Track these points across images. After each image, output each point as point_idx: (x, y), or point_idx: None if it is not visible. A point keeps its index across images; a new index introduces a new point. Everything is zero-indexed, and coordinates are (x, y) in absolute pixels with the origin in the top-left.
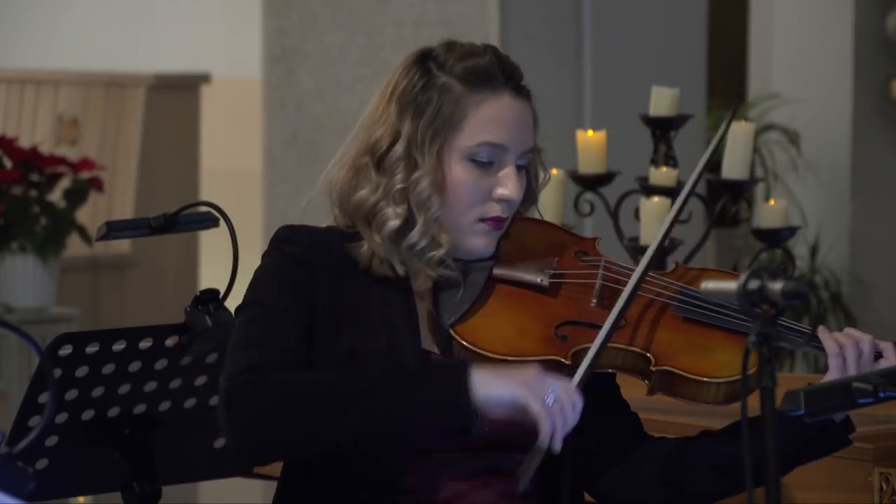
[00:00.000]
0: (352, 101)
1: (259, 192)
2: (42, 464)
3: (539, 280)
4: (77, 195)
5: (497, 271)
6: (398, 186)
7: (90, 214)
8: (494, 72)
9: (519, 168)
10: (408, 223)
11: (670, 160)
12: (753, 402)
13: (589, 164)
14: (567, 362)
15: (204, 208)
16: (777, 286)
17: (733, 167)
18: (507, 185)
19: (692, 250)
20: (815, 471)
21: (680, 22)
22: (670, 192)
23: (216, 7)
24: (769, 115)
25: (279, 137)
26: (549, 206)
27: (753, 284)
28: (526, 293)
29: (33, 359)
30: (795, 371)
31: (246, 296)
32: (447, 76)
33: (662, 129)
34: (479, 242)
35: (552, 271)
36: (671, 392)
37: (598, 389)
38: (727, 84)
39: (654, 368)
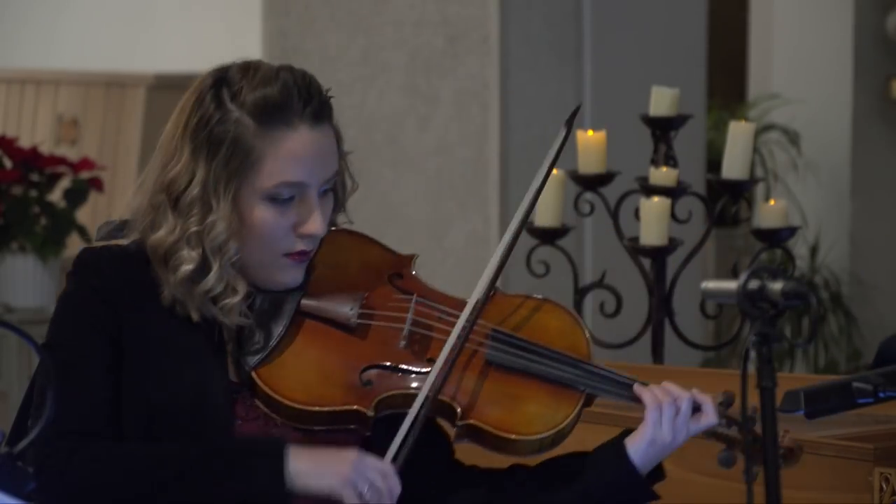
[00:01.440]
0: (352, 101)
1: None
2: None
3: (347, 319)
4: (77, 195)
5: (306, 303)
6: (193, 229)
7: (90, 214)
8: (287, 102)
9: (324, 193)
10: (203, 267)
11: (670, 160)
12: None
13: (589, 164)
14: (369, 414)
15: None
16: (777, 286)
17: (733, 167)
18: (312, 222)
19: (692, 250)
20: (815, 471)
21: (680, 22)
22: (670, 192)
23: (216, 7)
24: (769, 115)
25: None
26: (549, 206)
27: (753, 284)
28: (334, 331)
29: (33, 359)
30: (795, 371)
31: (50, 330)
32: (239, 111)
33: (662, 129)
34: (287, 276)
35: (360, 309)
36: (478, 443)
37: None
38: (727, 84)
39: (459, 422)
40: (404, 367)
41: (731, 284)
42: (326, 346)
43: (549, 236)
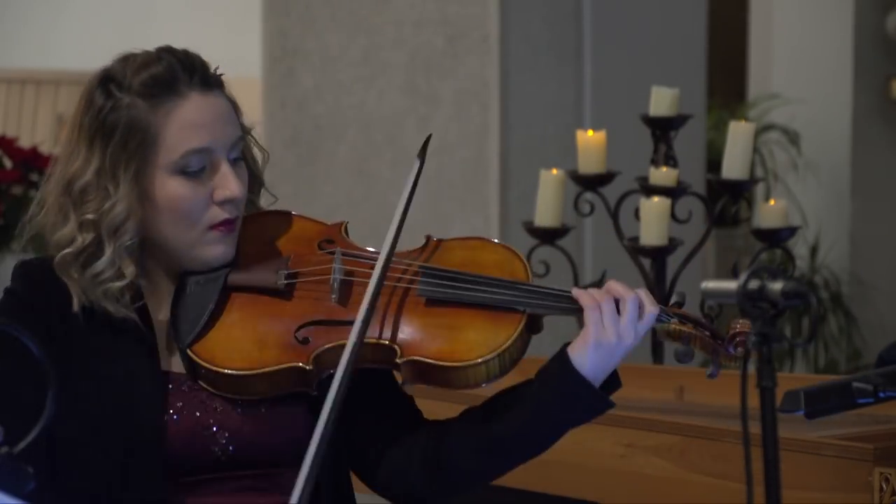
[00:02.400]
0: (352, 101)
1: None
2: None
3: (274, 282)
4: None
5: (232, 278)
6: (87, 216)
7: None
8: (174, 74)
9: (235, 161)
10: (96, 254)
11: (670, 160)
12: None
13: (589, 164)
14: (308, 367)
15: None
16: (777, 286)
17: (733, 167)
18: (228, 186)
19: (692, 250)
20: (815, 471)
21: (680, 22)
22: (670, 192)
23: (216, 7)
24: (769, 115)
25: (279, 137)
26: (549, 206)
27: (753, 284)
28: (262, 298)
29: None
30: (795, 371)
31: None
32: (129, 95)
33: (662, 129)
34: (217, 251)
35: (287, 271)
36: (425, 381)
37: (364, 380)
38: (727, 84)
39: (399, 360)
40: (338, 319)
41: (731, 284)
42: (258, 314)
43: (549, 236)
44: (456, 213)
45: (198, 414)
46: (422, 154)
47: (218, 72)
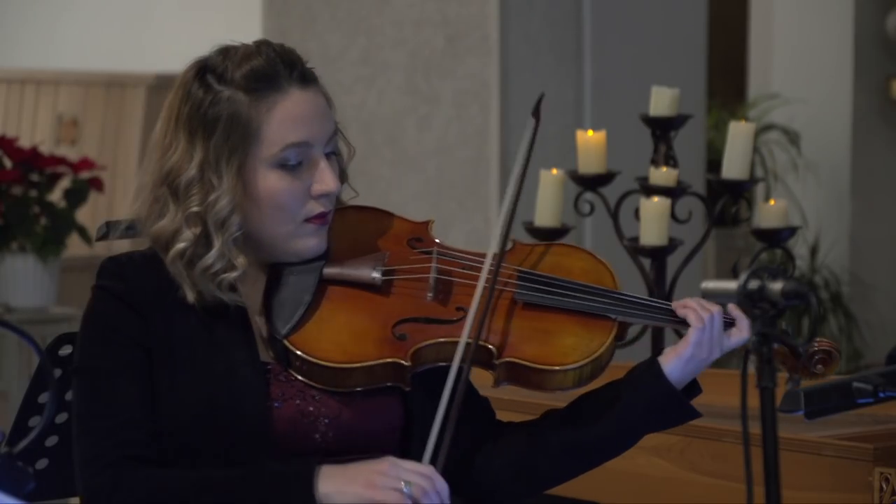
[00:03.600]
0: (352, 101)
1: None
2: (42, 464)
3: (371, 278)
4: (77, 195)
5: (328, 271)
6: (193, 209)
7: (90, 214)
8: (275, 69)
9: (329, 155)
10: (205, 245)
11: (670, 160)
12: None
13: (589, 164)
14: (407, 363)
15: None
16: (777, 286)
17: (733, 167)
18: (325, 180)
19: (692, 250)
20: (815, 471)
21: (680, 22)
22: (670, 193)
23: (216, 7)
24: (769, 115)
25: None
26: (549, 206)
27: (753, 284)
28: (360, 293)
29: (33, 359)
30: None
31: (81, 352)
32: (230, 88)
33: (662, 129)
34: (311, 243)
35: (384, 267)
36: (518, 382)
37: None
38: (727, 84)
39: (497, 361)
40: (435, 317)
41: (731, 284)
42: (355, 308)
43: (548, 236)
44: (456, 213)
45: (298, 402)
46: (536, 113)
47: (309, 65)
